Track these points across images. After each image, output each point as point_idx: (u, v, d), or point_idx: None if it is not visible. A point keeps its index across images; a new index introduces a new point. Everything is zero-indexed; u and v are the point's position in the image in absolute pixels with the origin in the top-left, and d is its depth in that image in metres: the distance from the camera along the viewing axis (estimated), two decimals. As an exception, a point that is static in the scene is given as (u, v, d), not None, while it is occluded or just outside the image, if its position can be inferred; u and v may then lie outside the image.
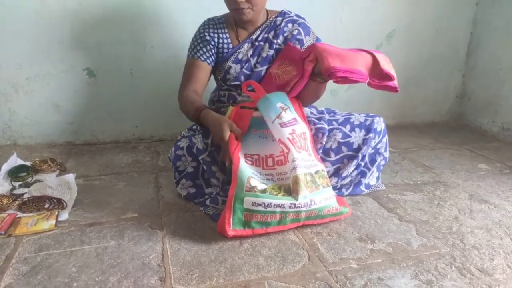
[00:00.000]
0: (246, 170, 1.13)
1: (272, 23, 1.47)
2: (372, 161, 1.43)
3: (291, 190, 1.11)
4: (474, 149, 1.97)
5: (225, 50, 1.46)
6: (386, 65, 1.21)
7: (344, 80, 1.17)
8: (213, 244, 1.08)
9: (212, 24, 1.47)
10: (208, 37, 1.44)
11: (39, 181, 1.43)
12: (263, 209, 1.07)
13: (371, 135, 1.38)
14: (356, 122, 1.40)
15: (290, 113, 1.23)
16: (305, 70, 1.27)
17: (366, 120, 1.41)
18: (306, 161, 1.16)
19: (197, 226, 1.18)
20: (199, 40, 1.45)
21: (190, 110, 1.35)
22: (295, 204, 1.08)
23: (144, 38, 1.83)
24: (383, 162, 1.47)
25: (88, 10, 1.74)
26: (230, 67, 1.45)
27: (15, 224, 1.13)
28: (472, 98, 2.40)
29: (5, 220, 1.14)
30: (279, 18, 1.46)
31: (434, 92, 2.42)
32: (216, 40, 1.45)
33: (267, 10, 1.49)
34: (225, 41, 1.45)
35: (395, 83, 1.21)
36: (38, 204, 1.23)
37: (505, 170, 1.69)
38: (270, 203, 1.07)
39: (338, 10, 2.08)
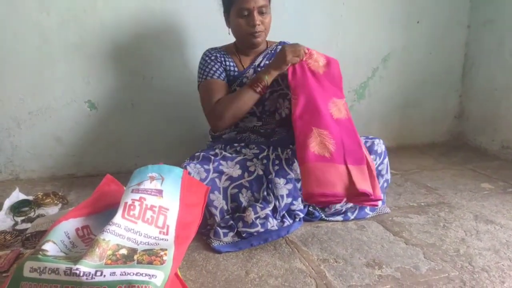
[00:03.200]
0: (58, 233, 0.98)
1: (272, 51, 1.53)
2: (375, 183, 1.43)
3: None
4: (476, 168, 1.97)
5: (232, 73, 1.49)
6: (363, 183, 1.15)
7: (322, 203, 1.19)
8: (219, 274, 1.07)
9: (214, 51, 1.51)
10: (218, 59, 1.48)
11: (42, 215, 1.42)
12: (37, 275, 0.84)
13: (372, 157, 1.39)
14: (357, 145, 1.41)
15: (156, 184, 1.09)
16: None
17: (366, 142, 1.42)
18: (138, 236, 0.98)
19: (201, 257, 1.16)
20: (208, 61, 1.48)
21: (241, 95, 1.36)
22: (71, 269, 0.83)
23: (144, 70, 1.87)
24: (385, 184, 1.47)
25: (89, 44, 1.77)
26: (235, 90, 1.47)
27: (18, 261, 1.12)
28: (470, 117, 2.43)
29: (8, 257, 1.13)
30: (279, 47, 1.52)
31: (432, 112, 2.44)
32: (224, 62, 1.49)
33: (266, 41, 1.53)
34: (231, 64, 1.50)
35: (378, 195, 1.16)
36: (42, 239, 1.22)
37: (508, 189, 1.68)
38: (45, 267, 0.84)
39: (334, 36, 2.13)
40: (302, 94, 1.30)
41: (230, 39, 1.53)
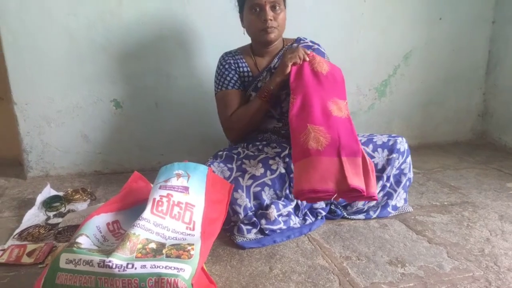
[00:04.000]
0: (91, 227, 1.03)
1: (287, 50, 1.50)
2: (397, 182, 1.43)
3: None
4: (501, 167, 1.94)
5: (246, 79, 1.51)
6: (355, 178, 1.11)
7: (312, 199, 1.16)
8: (243, 270, 1.09)
9: (230, 55, 1.53)
10: (232, 66, 1.50)
11: (72, 210, 1.48)
12: (73, 267, 0.89)
13: (394, 155, 1.39)
14: (379, 142, 1.41)
15: (183, 181, 1.14)
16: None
17: (389, 140, 1.42)
18: (166, 231, 1.02)
19: (225, 253, 1.19)
20: (223, 70, 1.51)
21: (252, 107, 1.42)
22: (104, 262, 0.87)
23: (168, 69, 1.91)
24: (408, 183, 1.46)
25: (115, 45, 1.83)
26: (250, 95, 1.50)
27: (53, 253, 1.17)
28: (494, 115, 2.38)
29: (43, 250, 1.18)
30: (294, 45, 1.51)
31: (455, 111, 2.41)
32: (238, 69, 1.51)
33: (283, 39, 1.54)
34: (245, 69, 1.51)
35: (372, 191, 1.13)
36: (73, 233, 1.27)
37: (534, 189, 1.66)
38: (80, 259, 0.89)
39: (355, 33, 2.13)
40: (300, 93, 1.30)
41: (248, 39, 1.53)
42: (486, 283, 1.01)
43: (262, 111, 1.43)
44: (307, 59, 1.36)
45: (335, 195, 1.11)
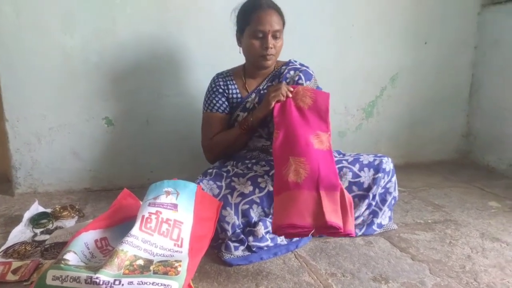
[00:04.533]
0: (78, 244, 1.05)
1: (276, 72, 1.57)
2: (383, 200, 1.46)
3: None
4: (483, 186, 1.99)
5: (235, 100, 1.55)
6: (333, 215, 1.10)
7: (290, 235, 1.17)
8: (230, 287, 1.11)
9: (221, 77, 1.58)
10: (220, 89, 1.55)
11: (60, 227, 1.48)
12: (59, 283, 0.90)
13: (380, 174, 1.43)
14: (365, 162, 1.45)
15: (172, 198, 1.17)
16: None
17: (374, 160, 1.46)
18: (154, 247, 1.04)
19: (213, 270, 1.20)
20: (213, 94, 1.56)
21: (231, 135, 1.49)
22: (91, 278, 0.88)
23: (160, 87, 1.95)
24: (393, 202, 1.50)
25: (109, 64, 1.86)
26: (238, 115, 1.54)
27: (39, 271, 1.17)
28: (478, 136, 2.45)
29: (29, 267, 1.18)
30: (284, 67, 1.56)
31: (440, 131, 2.47)
32: (227, 91, 1.56)
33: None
34: (234, 91, 1.56)
35: (349, 229, 1.12)
36: (60, 250, 1.27)
37: (515, 208, 1.70)
38: (67, 276, 0.90)
39: (344, 55, 2.19)
40: (283, 128, 1.33)
41: (242, 59, 1.59)
42: (466, 299, 1.04)
43: (240, 140, 1.51)
44: (290, 95, 1.39)
45: (313, 231, 1.11)
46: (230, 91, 1.56)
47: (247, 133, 1.48)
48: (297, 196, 1.14)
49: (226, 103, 1.55)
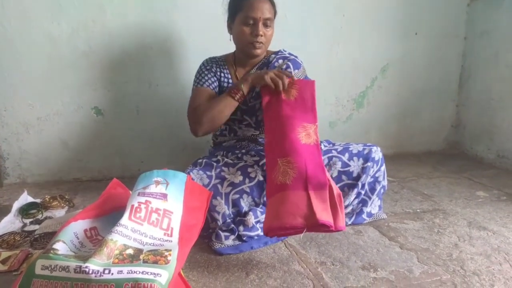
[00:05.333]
0: (68, 234, 1.03)
1: (265, 60, 1.54)
2: (372, 189, 1.48)
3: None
4: (472, 176, 2.02)
5: (225, 85, 1.53)
6: (323, 213, 1.10)
7: (282, 235, 1.19)
8: (220, 275, 1.11)
9: (214, 60, 1.56)
10: (213, 70, 1.52)
11: (49, 217, 1.47)
12: (48, 273, 0.88)
13: (369, 163, 1.44)
14: (355, 151, 1.46)
15: (161, 188, 1.16)
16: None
17: (364, 149, 1.47)
18: (144, 237, 1.04)
19: (203, 259, 1.21)
20: (205, 71, 1.52)
21: (218, 102, 1.40)
22: (80, 268, 0.87)
23: (150, 77, 1.93)
24: (382, 191, 1.51)
25: (97, 53, 1.84)
26: None
27: (28, 261, 1.16)
28: (467, 127, 2.48)
29: (18, 257, 1.17)
30: (273, 56, 1.54)
31: (430, 122, 2.49)
32: (218, 74, 1.53)
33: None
34: (226, 76, 1.54)
35: (340, 225, 1.11)
36: (50, 240, 1.26)
37: (502, 197, 1.73)
38: (56, 265, 0.89)
39: (334, 46, 2.19)
40: (270, 127, 1.32)
41: (231, 48, 1.57)
42: (452, 286, 1.06)
43: (229, 107, 1.40)
44: (281, 88, 1.34)
45: (305, 230, 1.10)
46: (222, 76, 1.53)
47: (239, 100, 1.40)
48: (286, 196, 1.14)
49: (216, 83, 1.52)
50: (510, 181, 1.94)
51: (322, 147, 1.49)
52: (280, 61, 1.53)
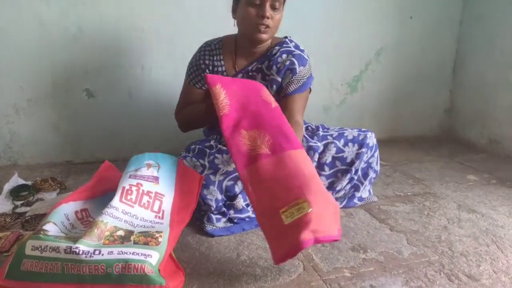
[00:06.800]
0: (58, 215, 1.04)
1: (268, 53, 1.44)
2: (365, 175, 1.48)
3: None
4: (463, 161, 2.03)
5: (219, 74, 1.48)
6: (330, 229, 0.99)
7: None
8: (211, 257, 1.12)
9: (208, 50, 1.47)
10: (203, 66, 1.46)
11: (41, 199, 1.47)
12: (39, 253, 0.89)
13: (363, 149, 1.44)
14: (350, 137, 1.45)
15: (153, 171, 1.16)
16: None
17: (359, 135, 1.46)
18: (135, 219, 1.04)
19: (195, 240, 1.21)
20: (195, 67, 1.48)
21: (195, 113, 1.44)
22: (70, 248, 0.87)
23: (142, 60, 1.90)
24: (374, 175, 1.52)
25: (88, 35, 1.80)
26: None
27: (19, 242, 1.16)
28: (460, 112, 2.48)
29: (9, 238, 1.17)
30: (276, 48, 1.44)
31: (423, 107, 2.50)
32: (211, 68, 1.47)
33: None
34: (220, 69, 1.46)
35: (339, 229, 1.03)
36: (41, 221, 1.26)
37: (492, 181, 1.75)
38: (46, 246, 0.89)
39: (329, 29, 2.17)
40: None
41: (226, 30, 1.50)
42: (440, 267, 1.07)
43: (202, 120, 1.47)
44: None
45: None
46: (215, 69, 1.47)
47: (208, 114, 1.35)
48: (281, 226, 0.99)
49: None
50: (500, 165, 1.96)
51: (321, 132, 1.48)
52: (284, 56, 1.42)
